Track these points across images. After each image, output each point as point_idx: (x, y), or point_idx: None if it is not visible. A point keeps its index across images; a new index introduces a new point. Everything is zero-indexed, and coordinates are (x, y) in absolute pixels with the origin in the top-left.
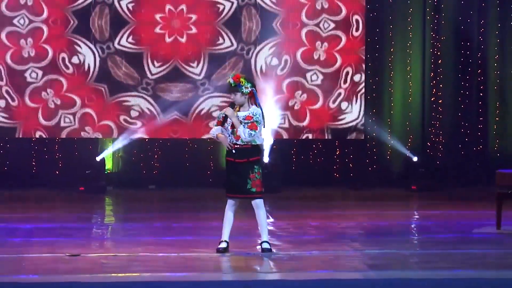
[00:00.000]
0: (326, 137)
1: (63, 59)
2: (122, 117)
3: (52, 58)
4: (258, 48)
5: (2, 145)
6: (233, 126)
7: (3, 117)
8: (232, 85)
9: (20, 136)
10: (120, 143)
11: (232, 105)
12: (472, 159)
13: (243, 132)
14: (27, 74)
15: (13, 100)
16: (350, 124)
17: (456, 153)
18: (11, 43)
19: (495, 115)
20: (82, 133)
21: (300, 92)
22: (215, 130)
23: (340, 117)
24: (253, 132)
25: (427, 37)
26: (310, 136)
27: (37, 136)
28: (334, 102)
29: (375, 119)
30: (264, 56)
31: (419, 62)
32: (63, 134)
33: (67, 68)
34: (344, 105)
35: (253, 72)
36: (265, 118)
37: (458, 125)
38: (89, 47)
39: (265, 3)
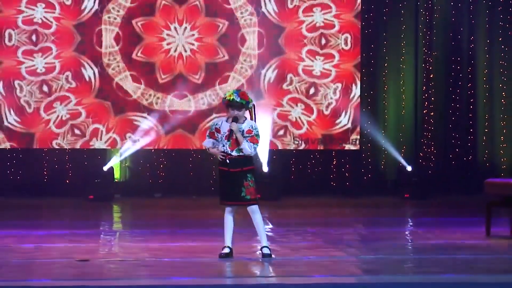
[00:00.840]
0: (323, 148)
1: (72, 74)
2: (128, 130)
3: (61, 73)
4: (259, 63)
5: (15, 156)
6: (228, 137)
7: (20, 128)
8: (240, 102)
9: (37, 147)
10: (125, 153)
11: (235, 119)
12: (462, 169)
13: (248, 147)
14: (40, 88)
15: (28, 112)
16: (346, 135)
17: (447, 163)
18: (26, 58)
19: (484, 127)
20: (91, 144)
21: (298, 104)
22: (206, 143)
23: (337, 129)
24: (256, 146)
25: (420, 52)
26: (308, 147)
27: (52, 146)
28: (330, 114)
29: (370, 130)
30: (266, 70)
31: (411, 77)
32: (73, 145)
33: (77, 83)
34: (341, 118)
35: (258, 85)
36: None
37: (448, 137)
38: (95, 64)
39: (266, 20)
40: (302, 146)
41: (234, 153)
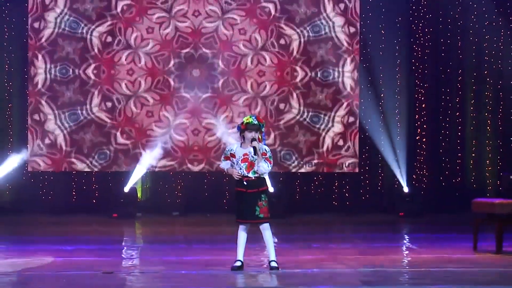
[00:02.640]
0: (326, 171)
1: (99, 103)
2: (148, 152)
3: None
4: (269, 93)
5: (47, 177)
6: (244, 161)
7: (49, 152)
8: (257, 125)
9: (67, 170)
10: (144, 175)
11: (253, 139)
12: (451, 189)
13: (266, 165)
14: (69, 116)
15: (58, 138)
16: (346, 160)
17: (438, 184)
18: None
19: (471, 152)
20: (114, 167)
21: (303, 131)
22: (225, 164)
23: (338, 153)
24: (271, 166)
25: (413, 84)
26: (312, 169)
27: (79, 169)
28: (332, 140)
29: (368, 155)
30: (272, 100)
31: (405, 106)
32: (99, 168)
33: (101, 111)
34: (341, 143)
35: (267, 113)
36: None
37: (439, 161)
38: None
39: (271, 55)
40: (307, 169)
41: (251, 175)
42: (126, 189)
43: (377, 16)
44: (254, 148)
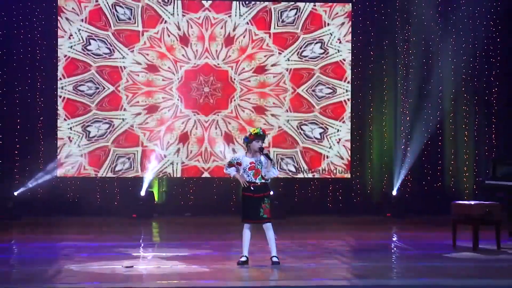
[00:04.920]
0: (321, 176)
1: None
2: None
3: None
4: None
5: (73, 182)
6: (251, 168)
7: (76, 160)
8: (264, 135)
9: (92, 176)
10: (160, 180)
11: (261, 148)
12: (433, 193)
13: (276, 171)
14: (95, 130)
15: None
16: (340, 167)
17: (420, 188)
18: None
19: (450, 160)
20: (133, 173)
21: (301, 141)
22: (232, 170)
23: (332, 161)
24: (277, 171)
25: (398, 100)
26: (309, 175)
27: (102, 175)
28: (327, 149)
29: (359, 162)
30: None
31: (392, 120)
32: (120, 174)
33: (120, 127)
34: (335, 151)
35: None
36: None
37: (422, 167)
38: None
39: (270, 75)
40: (304, 175)
41: (257, 181)
42: (143, 192)
43: (367, 40)
44: (266, 155)
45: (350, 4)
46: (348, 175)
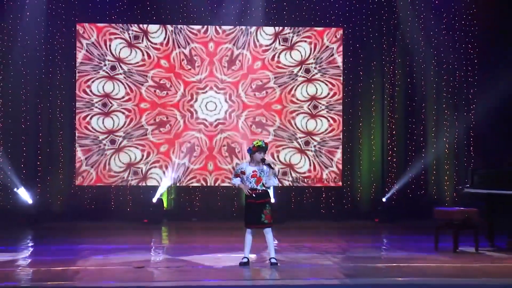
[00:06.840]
0: (316, 185)
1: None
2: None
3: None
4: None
5: (90, 190)
6: (253, 176)
7: (92, 170)
8: (266, 147)
9: (107, 185)
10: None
11: (263, 159)
12: (417, 200)
13: (276, 180)
14: (107, 144)
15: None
16: (332, 176)
17: (406, 196)
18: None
19: (433, 170)
20: (143, 183)
21: (298, 154)
22: (236, 181)
23: (325, 171)
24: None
25: (385, 115)
26: (304, 184)
27: (116, 184)
28: (321, 161)
29: (349, 172)
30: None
31: (379, 134)
32: (133, 183)
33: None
34: (328, 163)
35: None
36: None
37: (407, 177)
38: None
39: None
40: (300, 184)
41: (259, 188)
42: (154, 200)
43: (357, 61)
44: (269, 165)
45: (342, 29)
46: (339, 184)
